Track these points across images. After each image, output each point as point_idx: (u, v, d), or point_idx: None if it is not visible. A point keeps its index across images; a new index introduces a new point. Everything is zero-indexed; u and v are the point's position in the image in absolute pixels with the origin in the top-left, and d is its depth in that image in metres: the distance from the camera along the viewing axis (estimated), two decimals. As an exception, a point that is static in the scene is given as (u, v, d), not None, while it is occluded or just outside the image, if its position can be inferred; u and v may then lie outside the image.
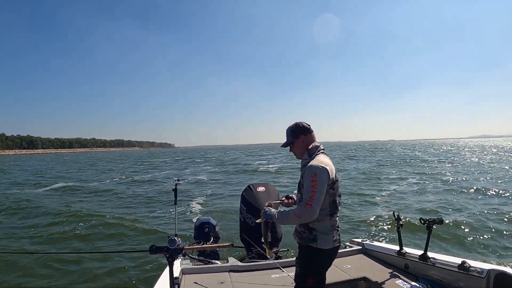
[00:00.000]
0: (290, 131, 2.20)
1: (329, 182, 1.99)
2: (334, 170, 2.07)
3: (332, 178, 2.02)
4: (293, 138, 2.19)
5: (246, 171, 23.91)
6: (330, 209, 2.06)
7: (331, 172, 2.01)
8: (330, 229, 2.07)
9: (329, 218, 2.07)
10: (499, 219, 7.73)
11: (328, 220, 2.07)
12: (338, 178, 2.10)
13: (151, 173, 25.60)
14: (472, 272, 2.30)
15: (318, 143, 2.18)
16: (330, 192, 2.03)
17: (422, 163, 26.02)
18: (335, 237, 2.10)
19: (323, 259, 2.11)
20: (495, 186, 12.66)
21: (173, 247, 1.98)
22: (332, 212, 2.08)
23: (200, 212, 9.58)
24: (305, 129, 2.18)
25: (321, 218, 2.03)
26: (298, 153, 2.21)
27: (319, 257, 2.08)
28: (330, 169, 2.01)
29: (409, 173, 18.45)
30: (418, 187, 13.21)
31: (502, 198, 10.36)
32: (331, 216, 2.08)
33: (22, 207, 10.73)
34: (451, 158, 30.88)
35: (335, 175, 2.07)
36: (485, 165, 22.34)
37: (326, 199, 2.02)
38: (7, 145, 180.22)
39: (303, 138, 2.16)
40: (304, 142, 2.17)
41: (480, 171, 18.44)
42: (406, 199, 10.61)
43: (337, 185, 2.09)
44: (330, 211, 2.06)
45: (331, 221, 2.08)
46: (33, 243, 6.74)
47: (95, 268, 5.15)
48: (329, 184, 2.00)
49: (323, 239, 2.05)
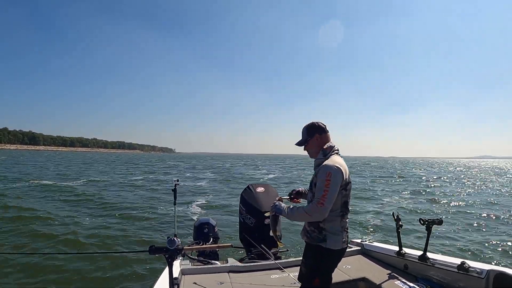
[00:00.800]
0: (306, 129, 2.21)
1: (342, 183, 1.99)
2: (348, 172, 2.07)
3: (346, 179, 2.02)
4: (308, 136, 2.19)
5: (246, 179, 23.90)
6: (341, 210, 2.06)
7: (345, 173, 2.01)
8: (340, 230, 2.07)
9: (340, 219, 2.07)
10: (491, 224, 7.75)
11: (339, 221, 2.06)
12: (350, 180, 2.11)
13: (151, 174, 25.59)
14: (471, 273, 2.30)
15: (333, 144, 2.18)
16: (343, 193, 2.03)
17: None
18: (344, 239, 2.09)
19: (332, 260, 2.11)
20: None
21: (172, 247, 1.98)
22: (343, 214, 2.08)
23: (200, 212, 9.58)
24: (321, 128, 2.18)
25: (332, 218, 2.03)
26: (312, 152, 2.21)
27: (328, 258, 2.08)
28: (344, 170, 2.01)
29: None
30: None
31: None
32: (342, 217, 2.07)
33: (22, 206, 10.73)
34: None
35: (348, 177, 2.07)
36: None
37: (338, 200, 2.01)
38: (9, 140, 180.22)
39: (317, 137, 2.17)
40: (319, 141, 2.17)
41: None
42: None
43: (350, 187, 2.09)
44: (341, 212, 2.06)
45: (342, 222, 2.08)
46: (33, 243, 6.73)
47: (95, 268, 5.15)
48: (342, 185, 1.99)
49: (333, 240, 2.04)
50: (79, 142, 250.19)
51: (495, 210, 8.87)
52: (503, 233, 6.81)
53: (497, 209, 9.10)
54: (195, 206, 10.77)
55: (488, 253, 5.78)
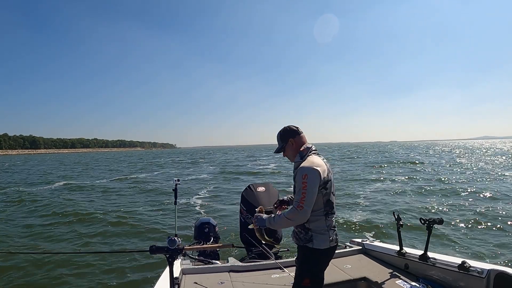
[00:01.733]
0: (279, 136, 2.22)
1: (320, 182, 1.98)
2: (327, 170, 2.06)
3: (324, 178, 2.01)
4: (282, 142, 2.20)
5: (247, 172, 23.93)
6: (324, 209, 2.05)
7: (322, 172, 2.00)
8: (326, 229, 2.06)
9: (324, 218, 2.06)
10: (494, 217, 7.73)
11: (323, 220, 2.05)
12: (331, 178, 2.09)
13: (152, 172, 25.61)
14: (472, 272, 2.29)
15: (310, 144, 2.18)
16: (323, 192, 2.02)
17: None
18: (332, 237, 2.08)
19: (320, 259, 2.10)
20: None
21: (173, 247, 1.98)
22: (327, 212, 2.07)
23: (200, 212, 9.59)
24: (293, 132, 2.18)
25: (316, 218, 2.03)
26: (290, 156, 2.21)
27: (316, 258, 2.07)
28: (321, 170, 2.00)
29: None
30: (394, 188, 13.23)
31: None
32: (326, 216, 2.06)
33: (22, 204, 10.75)
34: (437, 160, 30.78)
35: (328, 175, 2.05)
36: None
37: (320, 198, 2.01)
38: (10, 145, 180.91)
39: (292, 141, 2.17)
40: (294, 145, 2.16)
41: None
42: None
43: (330, 184, 2.07)
44: (324, 211, 2.05)
45: (327, 221, 2.07)
46: (33, 242, 6.73)
47: (95, 268, 5.15)
48: (321, 184, 1.99)
49: (319, 239, 2.04)
50: (80, 143, 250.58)
51: (494, 204, 8.87)
52: (504, 231, 6.80)
53: (497, 203, 9.10)
54: (195, 204, 10.77)
55: (488, 252, 5.77)
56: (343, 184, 14.83)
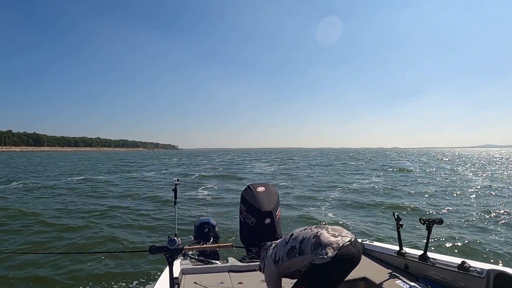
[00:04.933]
0: None
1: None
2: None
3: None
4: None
5: (247, 173, 23.91)
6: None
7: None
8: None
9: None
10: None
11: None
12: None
13: (152, 172, 25.61)
14: (472, 272, 2.29)
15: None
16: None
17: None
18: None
19: (323, 275, 1.96)
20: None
21: (173, 247, 1.98)
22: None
23: (200, 212, 9.58)
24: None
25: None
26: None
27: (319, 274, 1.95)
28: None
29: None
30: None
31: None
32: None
33: (22, 204, 10.74)
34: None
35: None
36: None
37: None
38: (14, 142, 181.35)
39: None
40: None
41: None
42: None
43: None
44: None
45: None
46: (33, 242, 6.73)
47: (95, 268, 5.15)
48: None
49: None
50: (83, 141, 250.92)
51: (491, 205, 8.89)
52: (504, 231, 6.80)
53: (496, 204, 9.11)
54: (195, 204, 10.77)
55: (488, 252, 5.78)
56: (342, 183, 14.83)
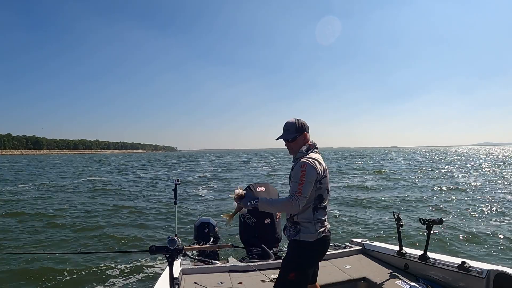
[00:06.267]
0: (294, 126, 2.25)
1: (317, 177, 2.08)
2: (324, 168, 2.17)
3: (320, 173, 2.10)
4: (297, 133, 2.24)
5: (247, 173, 23.89)
6: (314, 202, 2.12)
7: (321, 169, 2.12)
8: (313, 222, 2.11)
9: (312, 212, 2.12)
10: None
11: (311, 213, 2.11)
12: (327, 175, 2.19)
13: (152, 172, 25.60)
14: (472, 272, 2.29)
15: (314, 142, 2.29)
16: (317, 185, 2.10)
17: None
18: (319, 230, 2.12)
19: (308, 252, 2.12)
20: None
21: (173, 247, 1.99)
22: (316, 206, 2.13)
23: (200, 212, 9.58)
24: (307, 127, 2.29)
25: (304, 210, 2.10)
26: (295, 147, 2.26)
27: (302, 250, 2.11)
28: (320, 165, 2.12)
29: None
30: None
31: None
32: (314, 210, 2.12)
33: (23, 203, 10.74)
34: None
35: (323, 172, 2.14)
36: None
37: (312, 192, 2.08)
38: (13, 145, 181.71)
39: (306, 134, 2.26)
40: (305, 139, 2.26)
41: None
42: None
43: (325, 181, 2.16)
44: (314, 204, 2.12)
45: (315, 215, 2.12)
46: (33, 242, 6.73)
47: (95, 269, 5.15)
48: (317, 179, 2.08)
49: (306, 231, 2.10)
50: (82, 144, 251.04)
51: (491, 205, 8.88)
52: (504, 231, 6.80)
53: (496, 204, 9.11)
54: (195, 204, 10.76)
55: (488, 252, 5.78)
56: (343, 183, 14.83)
